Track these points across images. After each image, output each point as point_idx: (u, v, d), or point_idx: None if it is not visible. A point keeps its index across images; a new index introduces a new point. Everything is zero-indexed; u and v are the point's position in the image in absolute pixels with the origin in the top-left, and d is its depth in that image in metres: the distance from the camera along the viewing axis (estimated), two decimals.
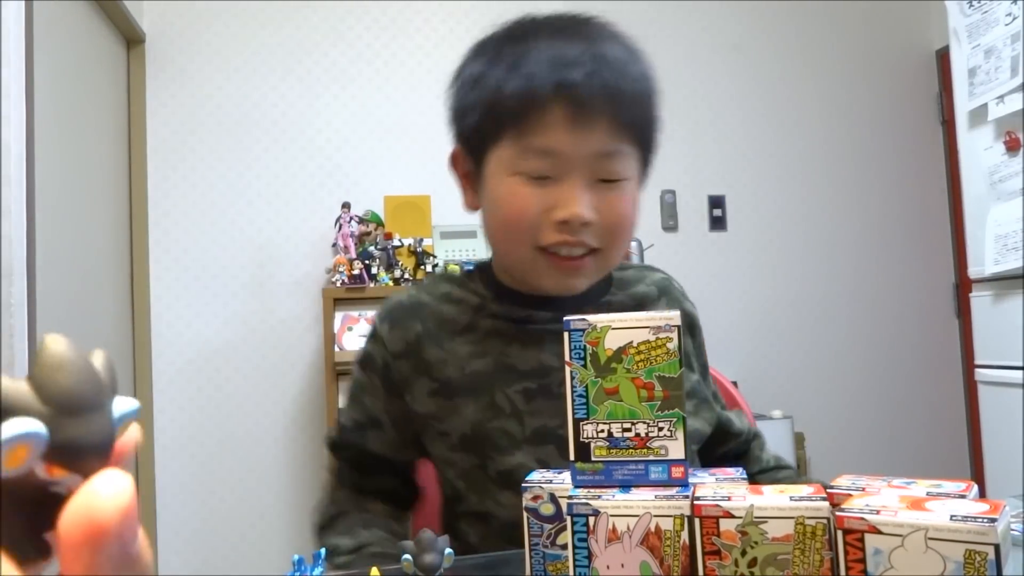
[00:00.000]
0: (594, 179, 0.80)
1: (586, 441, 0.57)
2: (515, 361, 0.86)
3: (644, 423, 0.56)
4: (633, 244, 2.62)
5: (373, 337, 0.93)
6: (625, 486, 0.56)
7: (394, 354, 0.89)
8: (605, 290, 0.93)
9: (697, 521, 0.52)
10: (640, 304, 0.93)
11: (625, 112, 0.80)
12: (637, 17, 2.94)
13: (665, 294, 0.96)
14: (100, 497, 0.22)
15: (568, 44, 0.80)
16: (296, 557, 0.54)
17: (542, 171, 0.79)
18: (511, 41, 0.82)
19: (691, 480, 0.57)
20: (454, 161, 0.90)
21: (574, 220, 0.79)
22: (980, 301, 2.07)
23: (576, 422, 0.58)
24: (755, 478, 0.97)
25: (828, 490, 0.53)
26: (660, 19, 2.94)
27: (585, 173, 0.80)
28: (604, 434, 0.57)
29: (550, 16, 0.85)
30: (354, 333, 2.35)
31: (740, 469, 0.62)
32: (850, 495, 0.51)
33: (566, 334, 0.58)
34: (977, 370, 2.06)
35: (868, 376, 3.01)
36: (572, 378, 0.58)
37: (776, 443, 2.51)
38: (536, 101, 0.77)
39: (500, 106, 0.79)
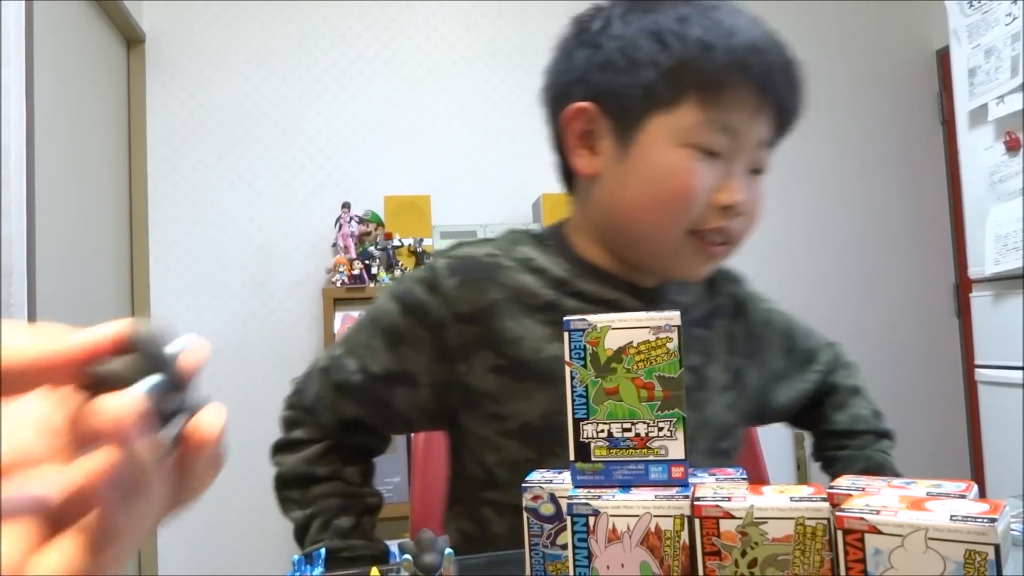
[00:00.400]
0: (750, 168, 0.78)
1: (586, 441, 0.57)
2: None
3: (644, 423, 0.56)
4: None
5: (433, 287, 0.81)
6: (625, 486, 0.56)
7: (457, 315, 0.80)
8: (673, 287, 0.88)
9: (697, 521, 0.52)
10: (696, 301, 0.89)
11: (794, 105, 0.79)
12: None
13: (711, 281, 0.92)
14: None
15: (747, 20, 0.76)
16: (296, 557, 0.54)
17: (718, 148, 0.74)
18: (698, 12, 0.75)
19: (691, 480, 0.57)
20: (570, 116, 0.79)
21: (737, 207, 0.75)
22: (980, 301, 2.07)
23: (576, 422, 0.58)
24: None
25: (828, 490, 0.53)
26: None
27: (749, 159, 0.77)
28: (604, 434, 0.57)
29: None
30: None
31: (740, 469, 0.62)
32: (850, 495, 0.52)
33: (566, 334, 0.58)
34: (977, 370, 2.06)
35: (868, 376, 2.98)
36: (572, 378, 0.58)
37: (776, 443, 2.51)
38: (737, 76, 0.73)
39: (692, 71, 0.72)
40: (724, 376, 0.88)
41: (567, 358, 0.58)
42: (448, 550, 0.56)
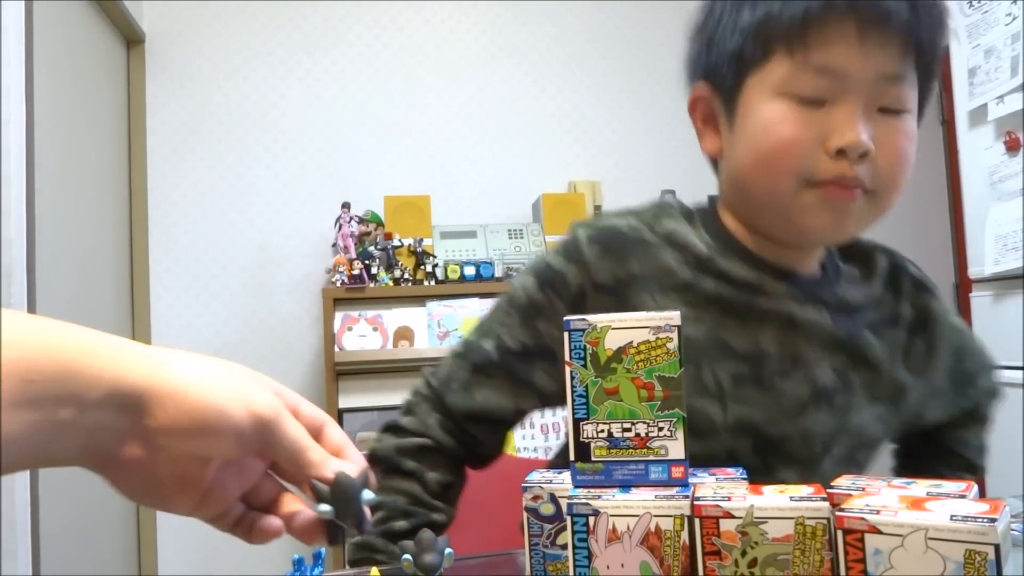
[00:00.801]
0: (874, 107, 0.71)
1: (586, 441, 0.57)
2: (731, 338, 0.77)
3: (644, 423, 0.56)
4: None
5: (572, 257, 0.80)
6: (625, 486, 0.56)
7: (596, 285, 0.78)
8: (835, 280, 0.83)
9: (697, 521, 0.52)
10: (873, 303, 0.83)
11: (923, 32, 0.72)
12: (637, 18, 2.95)
13: (896, 290, 0.86)
14: None
15: None
16: (296, 557, 0.54)
17: (818, 92, 0.70)
18: None
19: (691, 480, 0.57)
20: (693, 105, 0.81)
21: (852, 148, 0.69)
22: (980, 301, 2.07)
23: (576, 422, 0.58)
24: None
25: (828, 490, 0.53)
26: (660, 19, 2.94)
27: (865, 98, 0.70)
28: (604, 434, 0.57)
29: None
30: (354, 333, 2.35)
31: (740, 469, 0.62)
32: (850, 495, 0.52)
33: (566, 334, 0.58)
34: None
35: None
36: (572, 378, 0.58)
37: None
38: (826, 10, 0.69)
39: (775, 19, 0.70)
40: (884, 388, 0.83)
41: (567, 358, 0.58)
42: (448, 550, 0.56)
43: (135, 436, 0.41)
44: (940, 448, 0.93)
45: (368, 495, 0.48)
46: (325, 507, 0.46)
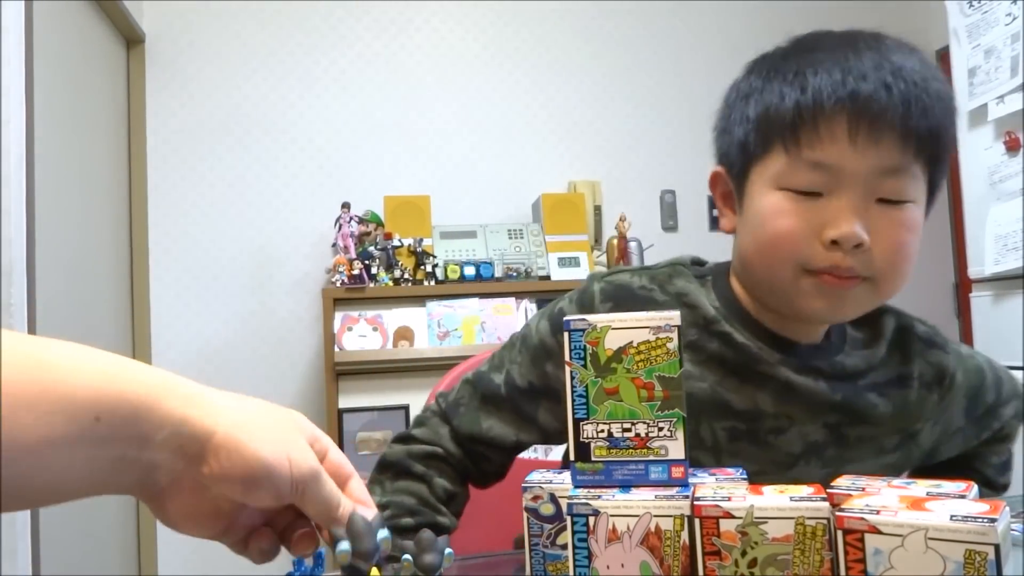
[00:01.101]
0: (872, 198, 0.73)
1: (586, 441, 0.57)
2: (730, 396, 0.80)
3: (644, 423, 0.56)
4: (632, 244, 2.62)
5: (585, 309, 0.84)
6: (625, 486, 0.56)
7: None
8: (839, 348, 0.84)
9: (697, 521, 0.52)
10: (871, 367, 0.83)
11: (920, 128, 0.72)
12: (637, 18, 2.95)
13: (902, 348, 0.86)
14: None
15: (857, 55, 0.74)
16: (296, 557, 0.54)
17: (813, 185, 0.72)
18: (794, 53, 0.78)
19: (691, 480, 0.57)
20: (713, 182, 0.86)
21: (846, 240, 0.71)
22: (980, 301, 2.07)
23: (576, 422, 0.58)
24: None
25: (828, 490, 0.53)
26: (661, 20, 2.94)
27: (862, 191, 0.72)
28: (604, 434, 0.57)
29: (839, 32, 0.81)
30: (354, 333, 2.35)
31: (740, 469, 0.62)
32: (850, 495, 0.52)
33: (566, 334, 0.58)
34: None
35: None
36: (572, 378, 0.58)
37: None
38: (815, 110, 0.71)
39: (773, 116, 0.74)
40: (890, 440, 0.84)
41: (567, 358, 0.58)
42: (448, 550, 0.56)
43: (187, 477, 0.44)
44: (959, 466, 0.92)
45: (383, 533, 0.50)
46: (345, 545, 0.49)
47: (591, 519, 0.54)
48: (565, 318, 0.59)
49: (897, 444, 0.84)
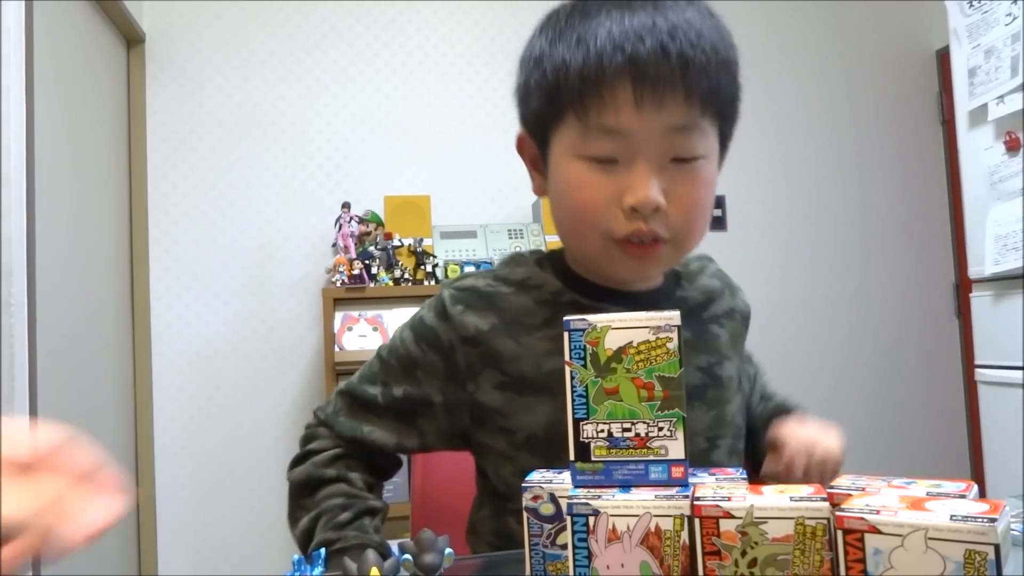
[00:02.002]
0: (666, 159, 0.74)
1: (586, 441, 0.57)
2: None
3: (644, 423, 0.56)
4: None
5: (440, 315, 0.87)
6: (625, 486, 0.56)
7: (463, 339, 0.84)
8: (675, 285, 0.90)
9: (697, 521, 0.52)
10: (711, 298, 0.92)
11: (701, 84, 0.73)
12: None
13: (727, 286, 0.95)
14: None
15: (635, 15, 0.73)
16: (296, 557, 0.54)
17: (608, 152, 0.74)
18: (576, 15, 0.77)
19: (691, 480, 0.57)
20: (520, 145, 0.87)
21: (644, 206, 0.73)
22: (980, 301, 2.07)
23: (576, 422, 0.58)
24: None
25: (828, 490, 0.53)
26: None
27: (655, 153, 0.73)
28: (604, 434, 0.57)
29: None
30: (354, 333, 2.35)
31: (740, 469, 0.62)
32: (850, 495, 0.51)
33: (566, 334, 0.58)
34: (977, 370, 2.06)
35: (868, 376, 3.01)
36: (572, 378, 0.58)
37: None
38: (599, 78, 0.71)
39: (562, 85, 0.74)
40: (735, 376, 0.91)
41: (567, 358, 0.58)
42: (448, 550, 0.56)
43: None
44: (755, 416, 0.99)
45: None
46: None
47: (591, 519, 0.54)
48: (565, 318, 0.59)
49: (738, 383, 0.92)
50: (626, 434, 0.57)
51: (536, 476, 0.63)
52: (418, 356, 0.87)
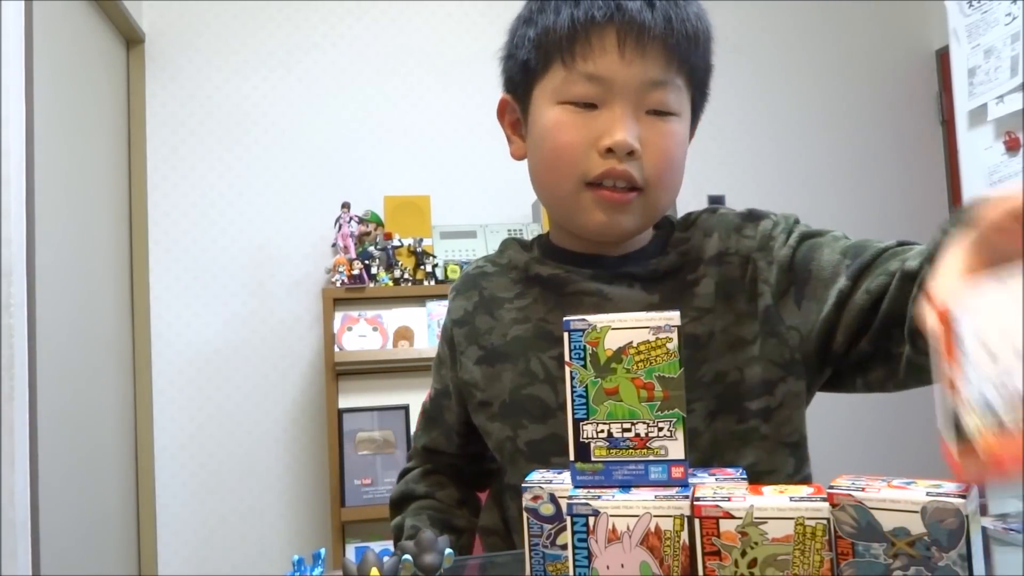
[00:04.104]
0: (642, 110, 0.77)
1: (586, 441, 0.57)
2: (553, 327, 0.83)
3: (644, 423, 0.56)
4: None
5: (448, 311, 0.96)
6: (625, 486, 0.56)
7: (455, 321, 0.92)
8: (657, 252, 0.85)
9: (697, 521, 0.52)
10: (697, 257, 0.83)
11: (680, 43, 0.77)
12: None
13: (725, 228, 0.84)
14: None
15: None
16: (296, 557, 0.55)
17: (589, 97, 0.77)
18: None
19: (691, 480, 0.57)
20: (501, 110, 0.89)
21: (619, 147, 0.76)
22: None
23: (576, 422, 0.58)
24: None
25: (828, 490, 0.53)
26: None
27: (633, 101, 0.77)
28: (604, 434, 0.57)
29: None
30: (354, 333, 2.35)
31: (740, 469, 0.62)
32: (850, 495, 0.52)
33: (566, 334, 0.58)
34: None
35: None
36: (572, 378, 0.58)
37: None
38: (587, 25, 0.76)
39: (550, 34, 0.78)
40: (747, 329, 0.80)
41: (567, 358, 0.58)
42: (448, 550, 0.56)
43: None
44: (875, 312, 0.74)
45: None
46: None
47: (591, 519, 0.54)
48: (565, 318, 0.59)
49: (757, 333, 0.79)
50: (626, 434, 0.57)
51: (536, 476, 0.63)
52: (441, 353, 0.95)
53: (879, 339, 0.73)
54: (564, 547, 0.59)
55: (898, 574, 0.47)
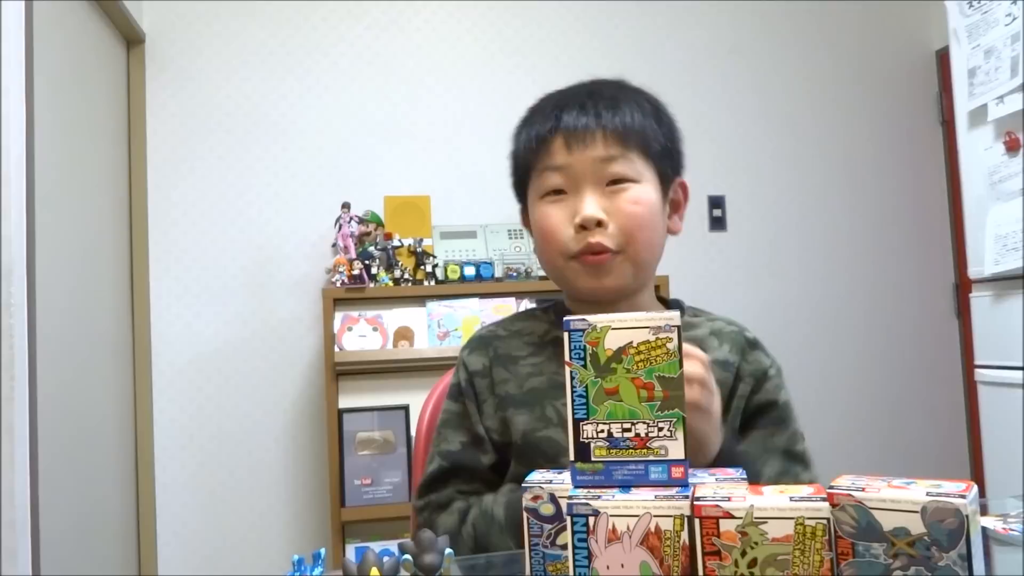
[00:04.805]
0: (602, 185, 0.93)
1: (586, 441, 0.57)
2: (562, 378, 0.89)
3: (644, 423, 0.56)
4: None
5: (460, 366, 1.04)
6: (625, 486, 0.56)
7: (474, 372, 1.01)
8: None
9: (697, 521, 0.52)
10: (700, 346, 0.95)
11: (618, 128, 0.93)
12: (636, 19, 2.95)
13: (730, 342, 0.99)
14: None
15: (566, 93, 0.99)
16: (296, 557, 0.54)
17: (558, 185, 0.94)
18: (533, 110, 1.03)
19: (691, 480, 0.57)
20: (523, 220, 1.08)
21: (587, 221, 0.91)
22: (980, 301, 2.07)
23: (576, 422, 0.58)
24: None
25: (828, 490, 0.53)
26: (658, 21, 2.94)
27: (592, 181, 0.93)
28: (604, 434, 0.57)
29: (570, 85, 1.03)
30: (354, 333, 2.35)
31: (740, 469, 0.62)
32: (850, 495, 0.52)
33: (566, 334, 0.58)
34: (977, 370, 2.06)
35: (868, 376, 3.01)
36: (572, 378, 0.58)
37: None
38: (541, 138, 0.96)
39: (521, 152, 1.00)
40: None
41: (567, 358, 0.58)
42: (448, 550, 0.56)
43: None
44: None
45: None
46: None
47: (591, 519, 0.54)
48: (565, 318, 0.59)
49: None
50: (626, 434, 0.57)
51: (536, 476, 0.63)
52: (458, 410, 1.01)
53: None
54: (564, 547, 0.59)
55: (898, 574, 0.47)
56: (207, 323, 2.57)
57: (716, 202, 2.91)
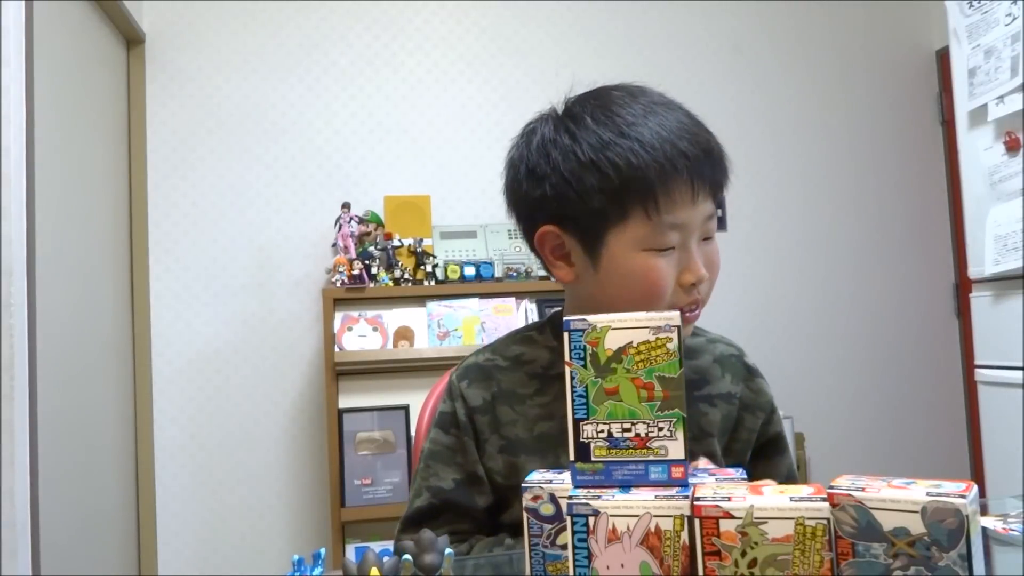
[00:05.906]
0: (700, 239, 0.88)
1: (586, 441, 0.57)
2: None
3: (644, 423, 0.56)
4: None
5: (453, 395, 0.97)
6: (625, 486, 0.56)
7: (473, 408, 0.95)
8: None
9: (697, 521, 0.52)
10: (705, 379, 0.98)
11: (720, 177, 0.88)
12: (637, 18, 2.95)
13: (736, 373, 1.00)
14: None
15: (656, 115, 0.85)
16: (296, 557, 0.54)
17: (671, 243, 0.85)
18: (599, 111, 0.86)
19: (691, 480, 0.57)
20: (541, 241, 0.91)
21: (700, 281, 0.87)
22: (980, 301, 2.07)
23: (576, 422, 0.58)
24: None
25: (828, 490, 0.53)
26: (660, 20, 2.94)
27: (697, 236, 0.87)
28: (604, 434, 0.57)
29: (620, 86, 0.91)
30: (354, 333, 2.35)
31: (740, 469, 0.62)
32: (850, 495, 0.52)
33: (566, 334, 0.58)
34: (977, 370, 2.06)
35: (868, 376, 3.01)
36: (572, 378, 0.58)
37: None
38: (667, 177, 0.82)
39: (632, 187, 0.82)
40: (718, 455, 0.96)
41: (567, 358, 0.58)
42: (448, 550, 0.56)
43: None
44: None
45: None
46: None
47: (591, 519, 0.54)
48: (565, 318, 0.59)
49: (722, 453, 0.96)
50: (626, 434, 0.57)
51: (536, 476, 0.63)
52: (450, 443, 0.95)
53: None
54: (564, 547, 0.59)
55: (898, 574, 0.47)
56: (207, 323, 2.57)
57: (716, 202, 2.91)
